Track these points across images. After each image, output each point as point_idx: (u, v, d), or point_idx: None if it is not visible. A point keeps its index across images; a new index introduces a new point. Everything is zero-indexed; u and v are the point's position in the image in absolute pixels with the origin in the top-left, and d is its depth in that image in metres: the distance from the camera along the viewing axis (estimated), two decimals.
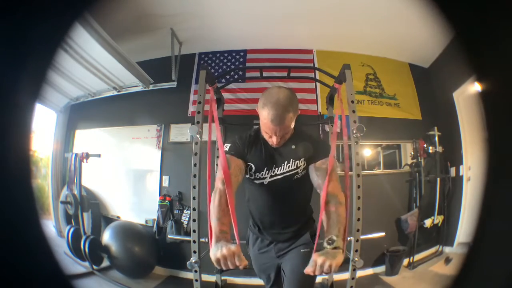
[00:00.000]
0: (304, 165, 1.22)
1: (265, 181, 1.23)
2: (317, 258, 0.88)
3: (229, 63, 3.00)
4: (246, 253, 1.47)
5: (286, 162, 1.21)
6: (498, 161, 0.57)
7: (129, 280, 2.53)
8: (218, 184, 1.08)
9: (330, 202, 1.05)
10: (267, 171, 1.22)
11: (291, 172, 1.21)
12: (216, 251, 0.88)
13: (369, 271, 2.64)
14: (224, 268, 0.87)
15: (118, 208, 2.89)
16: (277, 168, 1.22)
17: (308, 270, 0.89)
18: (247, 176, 1.26)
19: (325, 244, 0.92)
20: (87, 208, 2.72)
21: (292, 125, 1.14)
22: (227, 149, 1.21)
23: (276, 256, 1.31)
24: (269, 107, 1.07)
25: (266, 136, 1.18)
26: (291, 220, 1.29)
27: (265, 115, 1.09)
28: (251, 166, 1.23)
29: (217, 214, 1.00)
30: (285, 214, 1.28)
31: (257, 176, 1.23)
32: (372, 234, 2.16)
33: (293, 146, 1.22)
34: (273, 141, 1.15)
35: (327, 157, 1.17)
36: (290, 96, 1.10)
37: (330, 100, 2.38)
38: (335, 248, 0.90)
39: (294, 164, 1.21)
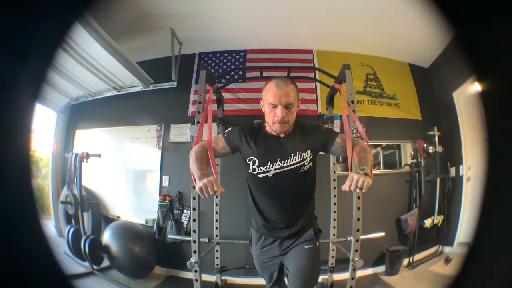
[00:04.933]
0: (310, 157, 1.24)
1: (270, 174, 1.23)
2: (353, 175, 1.04)
3: (229, 63, 3.00)
4: (248, 252, 1.47)
5: (292, 154, 1.22)
6: (498, 161, 0.57)
7: (129, 280, 2.53)
8: (199, 144, 1.31)
9: (359, 150, 1.23)
10: (271, 164, 1.22)
11: (298, 165, 1.22)
12: (199, 183, 1.05)
13: (369, 271, 2.64)
14: (206, 195, 1.05)
15: (118, 208, 2.88)
16: (282, 161, 1.22)
17: (345, 185, 1.04)
18: (250, 171, 1.26)
19: (358, 171, 1.08)
20: (87, 208, 2.72)
21: (295, 104, 1.21)
22: (224, 133, 1.33)
23: (280, 253, 1.31)
24: (273, 80, 1.21)
25: (271, 117, 1.20)
26: (297, 213, 1.29)
27: (269, 87, 1.20)
28: (254, 160, 1.24)
29: (198, 164, 1.18)
30: (291, 207, 1.28)
31: (261, 169, 1.23)
32: (372, 234, 2.16)
33: (298, 139, 1.24)
34: (278, 114, 1.17)
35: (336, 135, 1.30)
36: (291, 79, 1.27)
37: (330, 100, 2.38)
38: (365, 174, 1.05)
39: (301, 156, 1.22)
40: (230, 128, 1.32)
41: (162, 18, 2.54)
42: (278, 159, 1.22)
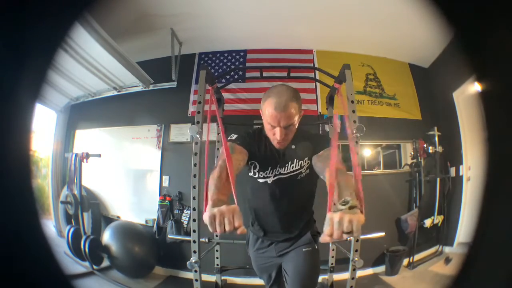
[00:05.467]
0: (308, 164, 1.22)
1: (269, 180, 1.23)
2: (332, 216, 0.69)
3: (229, 63, 3.00)
4: (246, 254, 1.47)
5: (290, 162, 1.21)
6: (498, 161, 0.57)
7: (129, 280, 2.53)
8: (219, 162, 0.99)
9: (337, 174, 0.89)
10: (271, 171, 1.22)
11: (295, 172, 1.21)
12: (211, 210, 0.72)
13: (369, 271, 2.64)
14: (218, 228, 0.71)
15: (118, 208, 2.89)
16: (281, 168, 1.21)
17: (324, 235, 0.70)
18: (251, 175, 1.25)
19: (339, 206, 0.73)
20: (87, 208, 2.72)
21: (296, 120, 1.12)
22: (233, 138, 1.19)
23: (276, 255, 1.31)
24: (272, 96, 1.08)
25: (270, 134, 1.16)
26: (294, 219, 1.29)
27: (268, 104, 1.08)
28: (255, 164, 1.23)
29: (217, 184, 0.89)
30: (288, 213, 1.28)
31: (261, 175, 1.23)
32: (372, 234, 2.16)
33: (297, 147, 1.22)
34: (276, 136, 1.11)
35: (328, 147, 1.13)
36: (293, 90, 1.12)
37: (330, 100, 2.38)
38: (351, 207, 0.72)
39: (298, 164, 1.21)
40: (235, 136, 1.22)
41: (162, 18, 2.54)
42: (278, 166, 1.22)
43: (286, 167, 1.21)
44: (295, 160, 1.20)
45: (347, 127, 1.56)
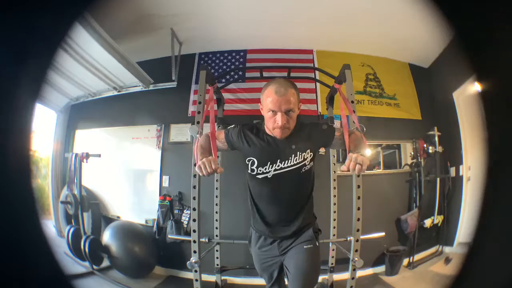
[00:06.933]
0: (310, 156, 1.24)
1: (269, 175, 1.23)
2: (351, 154, 1.05)
3: (229, 63, 3.00)
4: (248, 252, 1.47)
5: (293, 155, 1.22)
6: (498, 161, 0.57)
7: (129, 280, 2.53)
8: (203, 136, 1.36)
9: (354, 138, 1.28)
10: (270, 165, 1.22)
11: (299, 165, 1.22)
12: (199, 162, 1.10)
13: (369, 271, 2.64)
14: (204, 173, 1.08)
15: (118, 208, 2.88)
16: (282, 162, 1.22)
17: (344, 165, 1.05)
18: (249, 172, 1.26)
19: (355, 152, 1.10)
20: (87, 208, 2.72)
21: (296, 108, 1.18)
22: (227, 128, 1.35)
23: (279, 253, 1.31)
24: (272, 84, 1.18)
25: (270, 122, 1.18)
26: (296, 213, 1.30)
27: (269, 92, 1.16)
28: (253, 161, 1.24)
29: (201, 149, 1.26)
30: (290, 207, 1.29)
31: (260, 170, 1.24)
32: (372, 234, 2.16)
33: (299, 139, 1.23)
34: (278, 122, 1.15)
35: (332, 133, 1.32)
36: (291, 81, 1.23)
37: (330, 100, 2.38)
38: (362, 154, 1.06)
39: (301, 156, 1.22)
40: (232, 126, 1.33)
41: (162, 18, 2.54)
42: (278, 160, 1.22)
43: (289, 160, 1.22)
44: (297, 152, 1.22)
45: (357, 125, 1.59)
